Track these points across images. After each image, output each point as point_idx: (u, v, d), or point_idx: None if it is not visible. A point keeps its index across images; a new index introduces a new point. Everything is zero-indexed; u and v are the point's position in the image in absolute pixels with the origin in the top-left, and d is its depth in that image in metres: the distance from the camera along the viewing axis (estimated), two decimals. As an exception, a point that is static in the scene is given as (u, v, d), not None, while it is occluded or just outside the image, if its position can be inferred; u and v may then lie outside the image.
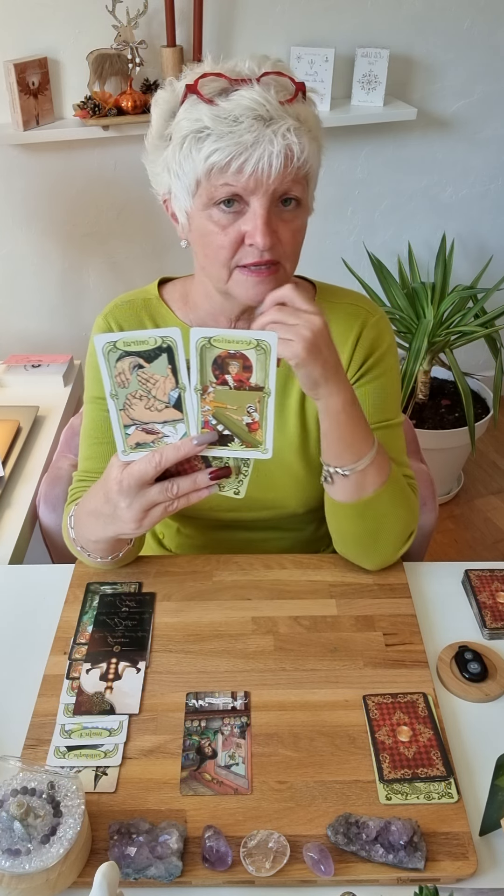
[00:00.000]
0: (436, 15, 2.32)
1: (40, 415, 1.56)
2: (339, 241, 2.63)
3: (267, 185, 0.91)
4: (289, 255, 0.98)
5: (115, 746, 0.89)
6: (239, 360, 0.86)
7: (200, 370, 0.87)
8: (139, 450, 0.92)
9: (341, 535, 1.09)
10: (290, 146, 0.90)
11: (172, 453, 0.91)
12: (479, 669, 0.97)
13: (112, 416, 0.90)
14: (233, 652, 1.00)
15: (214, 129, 0.90)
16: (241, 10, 2.19)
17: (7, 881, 0.73)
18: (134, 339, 0.85)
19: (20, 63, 2.01)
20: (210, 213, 0.95)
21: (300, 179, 0.94)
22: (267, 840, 0.78)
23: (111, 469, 0.95)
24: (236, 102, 0.90)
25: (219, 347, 0.86)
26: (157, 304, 1.14)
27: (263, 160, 0.89)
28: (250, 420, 0.88)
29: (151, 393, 0.88)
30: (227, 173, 0.91)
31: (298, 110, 0.93)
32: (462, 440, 2.44)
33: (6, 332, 2.46)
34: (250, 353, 0.85)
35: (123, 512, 0.95)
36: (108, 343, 0.85)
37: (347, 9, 2.25)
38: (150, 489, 0.93)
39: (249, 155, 0.89)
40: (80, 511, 1.05)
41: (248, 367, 0.86)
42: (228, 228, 0.95)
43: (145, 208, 2.35)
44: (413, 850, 0.77)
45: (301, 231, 0.99)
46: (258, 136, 0.89)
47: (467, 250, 2.79)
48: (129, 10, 2.04)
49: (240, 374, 0.86)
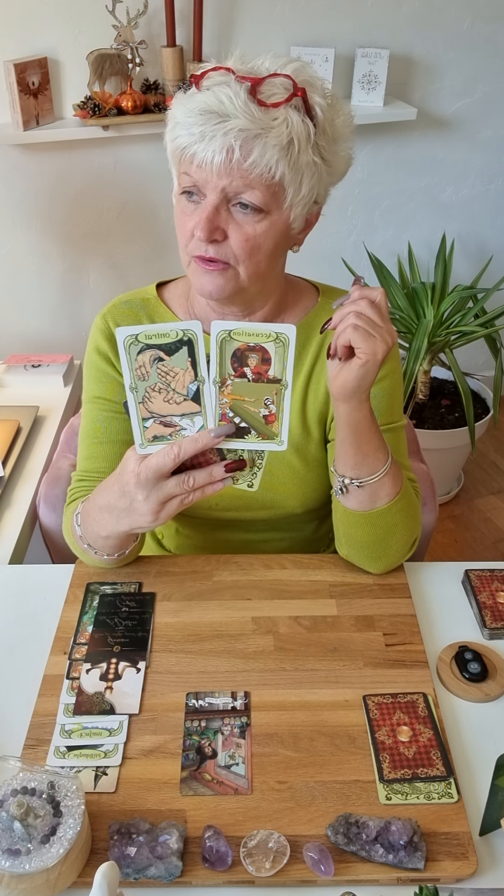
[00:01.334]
0: (436, 15, 2.32)
1: (40, 415, 1.56)
2: (339, 241, 2.63)
3: (214, 180, 0.94)
4: (241, 259, 0.98)
5: (115, 746, 0.89)
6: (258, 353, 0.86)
7: (220, 363, 0.87)
8: (156, 443, 0.92)
9: (349, 541, 1.09)
10: (230, 145, 0.91)
11: (191, 446, 0.90)
12: (479, 669, 0.97)
13: (131, 409, 0.90)
14: (233, 652, 1.00)
15: (181, 119, 0.94)
16: (241, 10, 2.19)
17: (7, 881, 0.73)
18: (155, 331, 0.86)
19: (20, 63, 2.01)
20: (180, 198, 0.99)
21: (254, 183, 0.93)
22: (267, 840, 0.78)
23: (128, 462, 0.94)
24: (201, 99, 0.93)
25: (238, 340, 0.86)
26: (155, 303, 1.15)
27: (207, 153, 0.92)
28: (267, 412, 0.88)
29: (171, 386, 0.88)
30: (186, 161, 0.95)
31: (277, 115, 0.92)
32: (462, 440, 2.44)
33: (6, 332, 2.46)
34: (269, 345, 0.85)
35: (140, 505, 0.94)
36: (129, 336, 0.85)
37: (347, 9, 2.25)
38: (168, 482, 0.92)
39: (198, 148, 0.92)
40: (90, 507, 1.04)
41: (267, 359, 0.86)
42: (189, 216, 0.98)
43: (145, 208, 2.35)
44: (413, 850, 0.77)
45: (257, 238, 0.97)
46: (205, 130, 0.92)
47: (467, 250, 2.79)
48: (129, 10, 2.04)
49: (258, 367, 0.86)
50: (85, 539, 1.07)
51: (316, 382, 1.14)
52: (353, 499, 1.03)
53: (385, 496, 1.03)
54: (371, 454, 1.00)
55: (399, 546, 1.08)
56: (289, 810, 0.82)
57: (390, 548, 1.08)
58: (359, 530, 1.06)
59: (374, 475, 1.01)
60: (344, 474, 1.02)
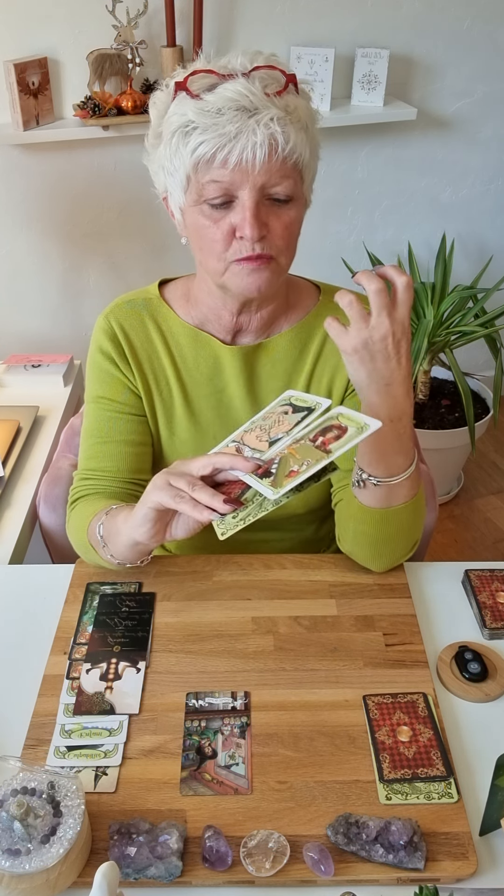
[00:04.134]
0: (436, 15, 2.32)
1: (40, 415, 1.56)
2: (339, 241, 2.63)
3: (254, 177, 0.92)
4: (282, 249, 0.98)
5: (115, 746, 0.89)
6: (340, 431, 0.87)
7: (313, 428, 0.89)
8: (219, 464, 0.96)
9: (357, 537, 1.08)
10: (273, 136, 0.90)
11: (227, 460, 0.90)
12: (479, 669, 0.97)
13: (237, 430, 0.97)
14: (233, 652, 1.00)
15: (199, 122, 0.91)
16: (241, 10, 2.19)
17: (7, 881, 0.73)
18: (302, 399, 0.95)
19: (20, 63, 2.01)
20: (201, 208, 0.96)
21: (289, 172, 0.94)
22: (267, 840, 0.78)
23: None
24: (219, 95, 0.91)
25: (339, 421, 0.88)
26: (157, 303, 1.15)
27: (247, 150, 0.90)
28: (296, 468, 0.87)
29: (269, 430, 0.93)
30: (213, 166, 0.92)
31: (287, 101, 0.93)
32: (462, 440, 2.44)
33: (6, 332, 2.46)
34: (352, 429, 0.86)
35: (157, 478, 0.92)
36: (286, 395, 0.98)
37: (347, 9, 2.25)
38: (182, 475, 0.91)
39: (233, 146, 0.90)
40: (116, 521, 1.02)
41: (340, 436, 0.86)
42: (220, 222, 0.96)
43: (145, 208, 2.35)
44: (413, 850, 0.77)
45: (294, 224, 0.98)
46: (241, 126, 0.90)
47: (467, 250, 2.79)
48: (129, 10, 2.05)
49: (328, 440, 0.87)
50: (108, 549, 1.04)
51: (317, 381, 1.14)
52: (368, 494, 1.02)
53: (400, 498, 1.02)
54: (390, 457, 0.98)
55: (403, 546, 1.08)
56: (289, 810, 0.82)
57: (396, 547, 1.07)
58: (370, 527, 1.05)
59: (392, 478, 1.00)
60: (361, 467, 1.01)
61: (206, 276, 1.06)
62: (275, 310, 1.11)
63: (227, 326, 1.10)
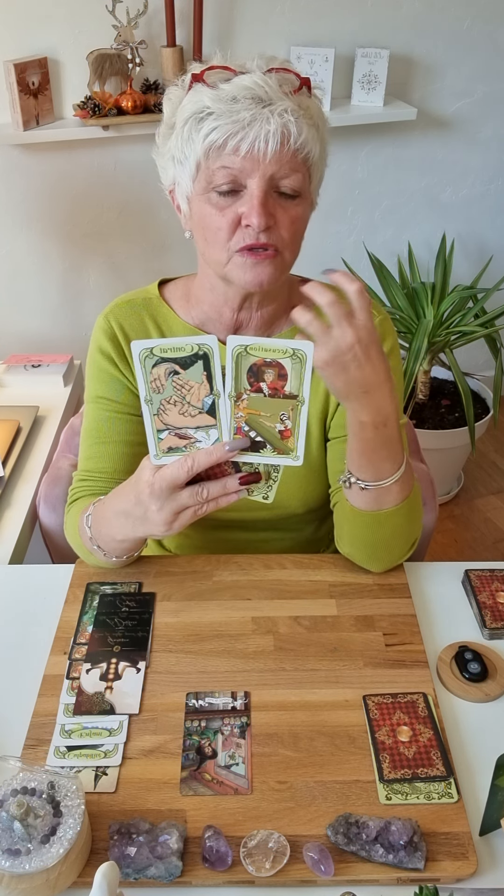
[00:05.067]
0: (436, 15, 2.32)
1: (40, 415, 1.56)
2: (339, 241, 2.63)
3: (264, 166, 0.92)
4: (287, 243, 0.98)
5: (115, 746, 0.89)
6: (274, 369, 0.86)
7: (235, 377, 0.87)
8: (171, 454, 0.91)
9: (352, 539, 1.08)
10: (286, 125, 0.91)
11: (205, 458, 0.89)
12: (479, 669, 0.97)
13: (146, 420, 0.90)
14: (233, 652, 1.00)
15: (214, 108, 0.92)
16: (241, 10, 2.19)
17: (7, 881, 0.73)
18: (171, 345, 0.86)
19: (20, 63, 2.01)
20: (209, 196, 0.97)
21: (299, 166, 0.95)
22: (267, 840, 0.78)
23: (143, 472, 0.93)
24: (235, 84, 0.92)
25: (255, 356, 0.86)
26: (157, 303, 1.15)
27: (259, 138, 0.91)
28: (283, 427, 0.87)
29: (186, 399, 0.88)
30: (224, 153, 0.92)
31: (301, 100, 0.95)
32: (462, 440, 2.44)
33: (6, 332, 2.46)
34: (286, 361, 0.85)
35: (154, 515, 0.93)
36: (144, 349, 0.85)
37: (347, 9, 2.25)
38: (181, 493, 0.92)
39: (246, 133, 0.91)
40: (105, 511, 1.03)
41: (284, 375, 0.86)
42: (226, 210, 0.96)
43: (145, 208, 2.35)
44: (413, 850, 0.77)
45: (300, 220, 0.99)
46: (255, 114, 0.90)
47: (467, 250, 2.79)
48: (129, 10, 2.05)
49: (275, 383, 0.86)
50: (95, 540, 1.06)
51: (315, 383, 1.14)
52: (356, 497, 1.02)
53: (392, 501, 1.01)
54: (376, 462, 0.98)
55: (400, 547, 1.08)
56: (289, 810, 0.82)
57: (392, 549, 1.07)
58: (362, 530, 1.05)
59: (379, 482, 0.99)
60: (349, 470, 1.01)
61: (208, 270, 1.05)
62: (276, 309, 1.11)
63: (227, 324, 1.10)
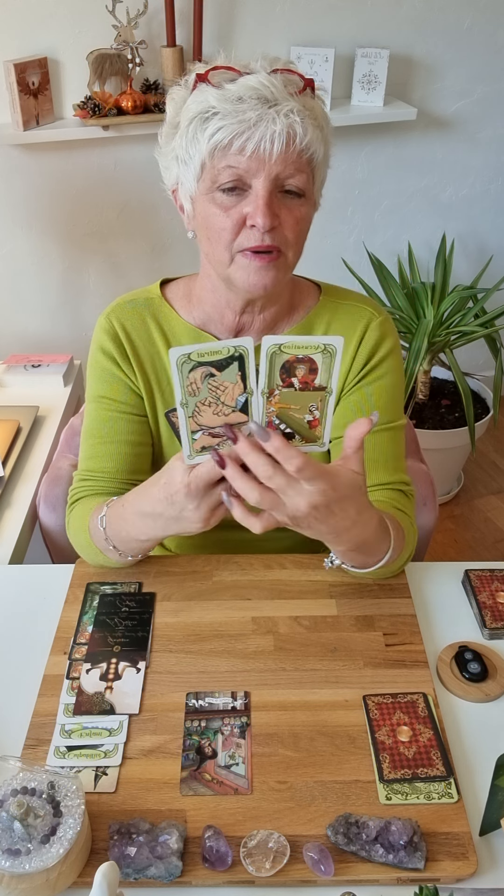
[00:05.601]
0: (436, 15, 2.32)
1: (40, 415, 1.56)
2: (339, 241, 2.63)
3: (269, 167, 0.92)
4: (291, 243, 0.98)
5: (115, 746, 0.89)
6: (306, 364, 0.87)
7: (269, 375, 0.88)
8: (204, 453, 0.92)
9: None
10: (292, 126, 0.91)
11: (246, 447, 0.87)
12: (479, 669, 0.97)
13: (181, 423, 0.91)
14: (233, 652, 1.00)
15: (219, 108, 0.92)
16: (241, 10, 2.19)
17: (7, 881, 0.73)
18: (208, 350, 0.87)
19: (20, 63, 2.01)
20: (213, 195, 0.96)
21: (303, 167, 0.95)
22: (267, 840, 0.78)
23: (174, 473, 0.92)
24: (241, 84, 0.92)
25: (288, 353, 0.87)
26: (159, 303, 1.15)
27: (265, 139, 0.91)
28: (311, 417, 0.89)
29: (220, 399, 0.89)
30: (230, 153, 0.92)
31: (305, 101, 0.95)
32: (462, 440, 2.44)
33: (6, 332, 2.46)
34: (317, 356, 0.86)
35: (191, 513, 0.93)
36: (182, 355, 0.87)
37: (347, 9, 2.25)
38: (217, 489, 0.91)
39: (252, 133, 0.91)
40: (126, 512, 1.02)
41: (314, 369, 0.87)
42: (231, 210, 0.96)
43: (145, 208, 2.35)
44: (413, 850, 0.77)
45: (304, 221, 0.99)
46: (261, 114, 0.90)
47: (467, 250, 2.79)
48: (129, 10, 2.05)
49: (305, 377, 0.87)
50: (111, 541, 1.06)
51: (316, 381, 1.14)
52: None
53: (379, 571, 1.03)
54: (363, 559, 0.99)
55: (396, 569, 1.10)
56: (289, 810, 0.82)
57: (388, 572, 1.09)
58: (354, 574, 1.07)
59: (366, 568, 1.01)
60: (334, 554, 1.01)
61: (210, 271, 1.05)
62: (278, 311, 1.11)
63: (229, 326, 1.10)
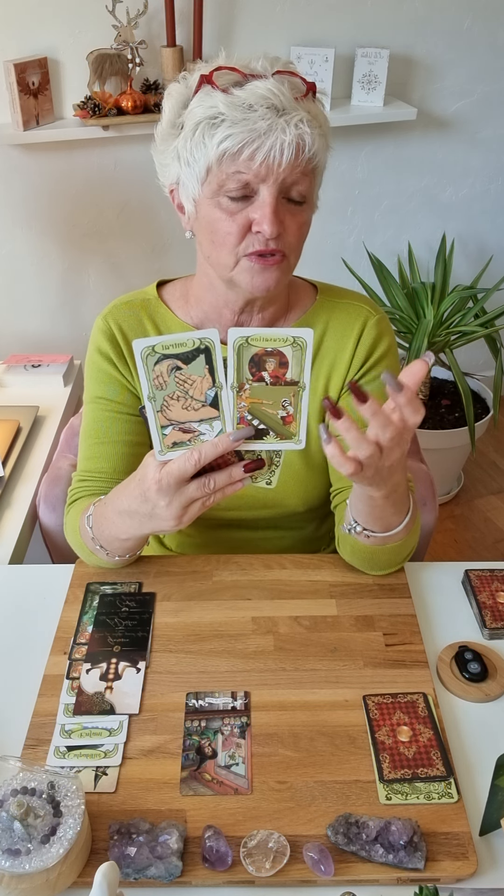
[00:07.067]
0: (436, 15, 2.32)
1: (40, 415, 1.56)
2: (339, 241, 2.63)
3: (277, 174, 0.93)
4: (293, 248, 0.99)
5: (115, 746, 0.89)
6: (276, 357, 0.87)
7: (237, 368, 0.87)
8: (176, 449, 0.92)
9: (354, 553, 1.10)
10: (302, 136, 0.92)
11: (211, 450, 0.90)
12: (479, 669, 0.97)
13: (149, 418, 0.90)
14: (233, 652, 1.00)
15: (229, 115, 0.91)
16: (241, 10, 2.19)
17: (7, 881, 0.73)
18: (172, 342, 0.86)
19: (20, 63, 2.01)
20: (219, 200, 0.96)
21: (308, 173, 0.96)
22: (267, 840, 0.78)
23: (147, 469, 0.93)
24: (251, 91, 0.92)
25: (256, 346, 0.86)
26: (156, 304, 1.15)
27: (275, 148, 0.91)
28: (285, 413, 0.88)
29: (189, 393, 0.89)
30: (239, 160, 0.92)
31: (309, 107, 0.95)
32: (462, 440, 2.44)
33: (6, 332, 2.46)
34: (287, 349, 0.86)
35: (163, 510, 0.94)
36: (146, 347, 0.85)
37: (347, 9, 2.25)
38: (188, 486, 0.92)
39: (262, 143, 0.91)
40: (107, 511, 1.03)
41: (285, 363, 0.86)
42: (237, 215, 0.96)
43: (145, 208, 2.35)
44: (413, 850, 0.77)
45: (306, 225, 1.00)
46: (272, 124, 0.91)
47: (467, 250, 2.79)
48: (129, 10, 2.04)
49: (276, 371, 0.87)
50: (98, 541, 1.06)
51: (314, 380, 1.14)
52: (361, 538, 1.04)
53: (396, 539, 1.03)
54: (386, 518, 1.00)
55: (401, 560, 1.10)
56: (289, 810, 0.82)
57: (392, 560, 1.09)
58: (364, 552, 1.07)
59: (387, 532, 1.02)
60: (356, 520, 1.02)
61: (209, 270, 1.05)
62: (276, 310, 1.11)
63: (227, 325, 1.10)
